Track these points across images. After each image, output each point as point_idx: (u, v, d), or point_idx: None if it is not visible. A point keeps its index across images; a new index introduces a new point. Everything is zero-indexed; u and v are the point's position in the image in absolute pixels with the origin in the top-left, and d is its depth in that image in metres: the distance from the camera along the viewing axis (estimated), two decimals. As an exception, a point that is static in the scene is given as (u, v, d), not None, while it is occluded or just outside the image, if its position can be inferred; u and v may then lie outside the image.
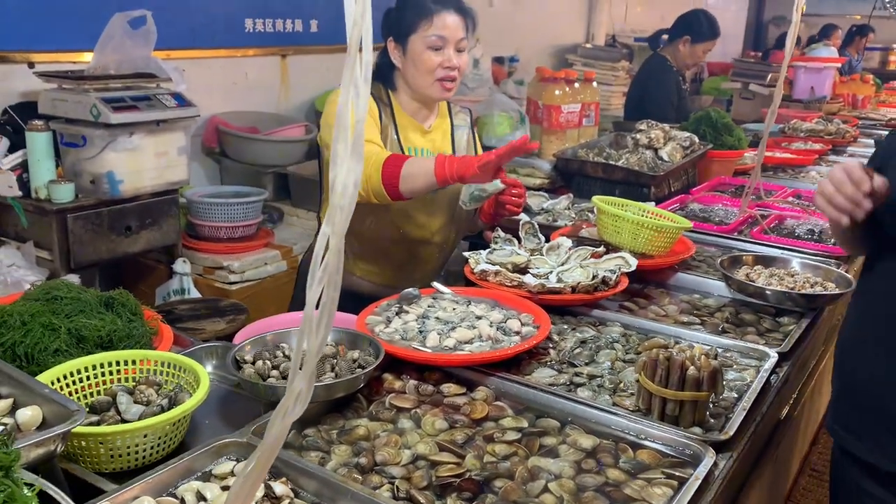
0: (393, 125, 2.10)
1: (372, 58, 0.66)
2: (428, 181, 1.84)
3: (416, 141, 2.14)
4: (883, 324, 1.46)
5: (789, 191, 2.93)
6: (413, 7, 2.03)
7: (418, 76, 2.05)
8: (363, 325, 1.54)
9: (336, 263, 0.67)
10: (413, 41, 2.02)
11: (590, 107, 3.30)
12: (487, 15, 5.46)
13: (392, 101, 2.12)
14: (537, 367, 1.50)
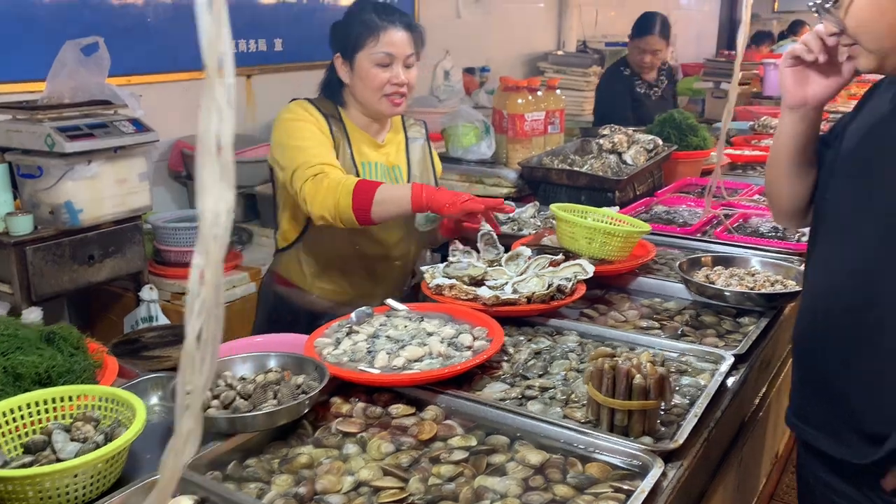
0: (346, 141, 2.08)
1: (234, 80, 0.64)
2: (402, 209, 1.86)
3: (370, 155, 2.12)
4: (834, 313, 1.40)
5: (755, 188, 2.93)
6: (360, 23, 2.01)
7: (366, 93, 2.03)
8: (311, 348, 1.51)
9: (214, 297, 0.65)
10: (360, 58, 2.01)
11: (554, 114, 3.29)
12: (456, 26, 5.47)
13: (343, 117, 2.10)
14: (489, 382, 1.47)
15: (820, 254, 1.42)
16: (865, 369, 1.28)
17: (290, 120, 2.03)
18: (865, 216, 1.29)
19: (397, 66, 2.01)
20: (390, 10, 2.08)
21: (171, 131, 3.59)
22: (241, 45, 3.95)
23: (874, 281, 1.27)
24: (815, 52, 1.32)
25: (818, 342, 1.41)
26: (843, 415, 1.31)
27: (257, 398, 1.32)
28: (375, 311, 1.70)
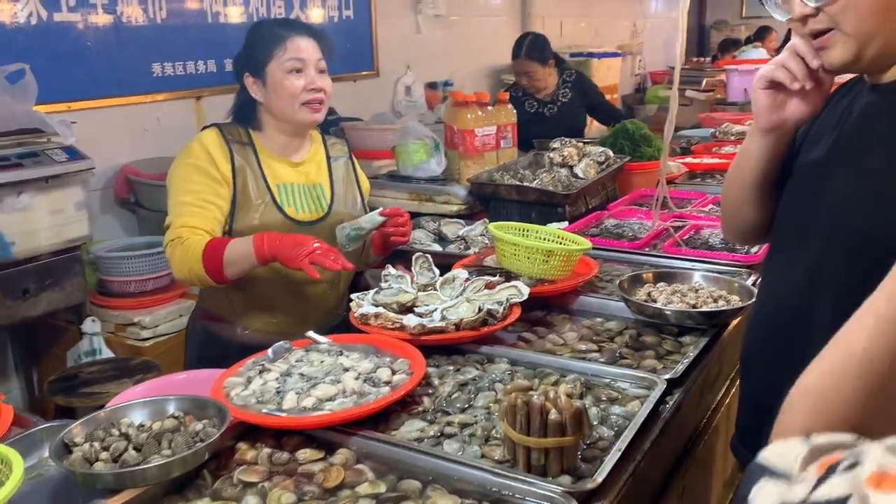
0: (257, 165, 2.02)
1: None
2: (252, 263, 1.84)
3: (287, 176, 2.07)
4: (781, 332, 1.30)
5: (710, 198, 2.87)
6: (263, 39, 1.99)
7: (283, 104, 1.98)
8: (220, 389, 1.42)
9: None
10: (271, 70, 1.97)
11: (506, 128, 3.22)
12: (417, 41, 5.41)
13: (254, 141, 2.04)
14: (407, 420, 1.38)
15: (771, 268, 1.35)
16: None
17: (182, 165, 1.99)
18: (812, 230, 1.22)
19: (310, 72, 1.98)
20: (291, 21, 2.13)
21: (116, 157, 3.49)
22: (191, 66, 3.86)
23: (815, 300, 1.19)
24: (800, 80, 1.18)
25: (763, 364, 1.32)
26: None
27: (149, 449, 1.23)
28: (295, 344, 1.60)
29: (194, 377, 1.83)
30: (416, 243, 2.58)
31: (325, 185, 2.13)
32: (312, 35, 2.02)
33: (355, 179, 2.23)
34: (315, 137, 2.19)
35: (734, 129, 4.40)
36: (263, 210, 2.00)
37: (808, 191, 1.24)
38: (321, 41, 2.04)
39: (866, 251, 1.09)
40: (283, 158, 2.07)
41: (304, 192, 2.08)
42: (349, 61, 4.85)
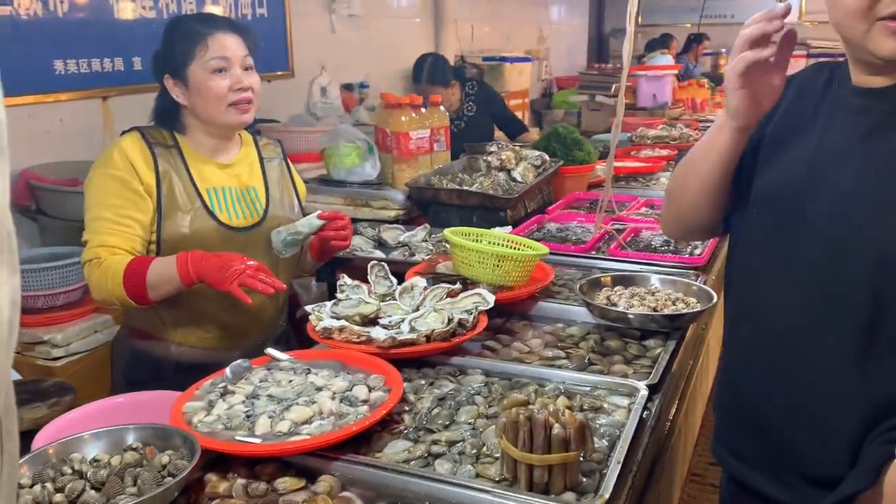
0: (184, 169, 1.90)
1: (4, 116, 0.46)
2: (177, 286, 1.74)
3: (217, 179, 1.95)
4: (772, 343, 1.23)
5: (642, 201, 2.92)
6: (183, 37, 1.85)
7: (209, 106, 1.85)
8: (179, 416, 1.30)
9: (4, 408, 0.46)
10: (193, 71, 1.83)
11: (439, 131, 3.17)
12: (331, 42, 5.28)
13: (180, 143, 1.91)
14: (390, 440, 1.30)
15: (756, 269, 1.25)
16: (808, 408, 1.16)
17: (99, 175, 1.86)
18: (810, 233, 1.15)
19: (236, 70, 1.85)
20: (210, 17, 1.99)
21: (15, 161, 3.20)
22: (96, 65, 3.60)
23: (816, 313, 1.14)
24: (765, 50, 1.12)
25: (753, 374, 1.26)
26: (784, 455, 1.20)
27: (112, 488, 1.10)
28: (253, 363, 1.49)
29: (134, 402, 1.68)
30: (357, 250, 2.49)
31: (260, 188, 2.01)
32: (236, 30, 1.89)
33: (291, 181, 2.12)
34: (245, 139, 2.07)
35: (650, 133, 4.53)
36: (194, 217, 1.87)
37: (797, 207, 1.16)
38: (245, 36, 1.91)
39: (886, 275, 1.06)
40: (212, 161, 1.95)
41: (237, 196, 1.96)
42: (263, 61, 4.61)
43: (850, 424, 1.10)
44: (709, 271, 2.16)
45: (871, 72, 1.13)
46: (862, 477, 1.06)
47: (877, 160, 1.10)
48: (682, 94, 6.20)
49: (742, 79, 1.14)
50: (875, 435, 1.08)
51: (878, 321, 1.07)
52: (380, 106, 3.19)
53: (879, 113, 1.12)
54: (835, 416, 1.12)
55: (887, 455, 1.04)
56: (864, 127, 1.13)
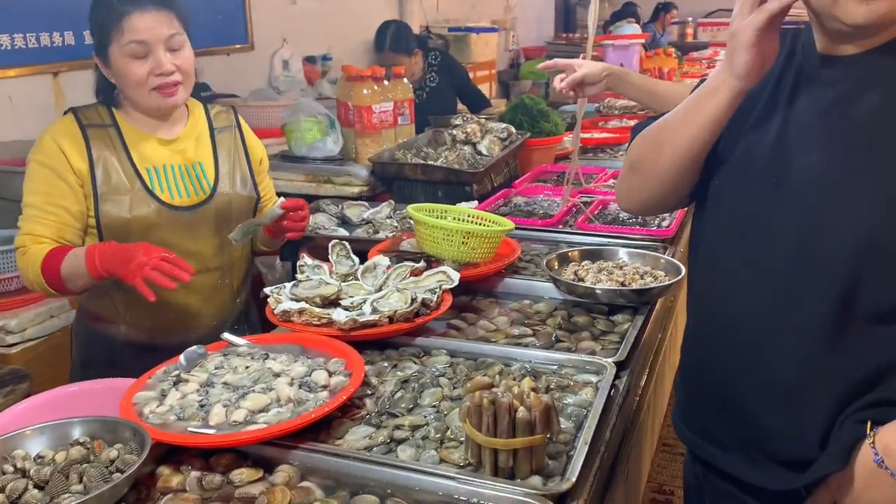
0: (122, 149, 1.81)
1: None
2: (91, 281, 1.69)
3: (158, 157, 1.85)
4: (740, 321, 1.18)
5: (609, 172, 2.88)
6: (101, 16, 1.73)
7: (130, 90, 1.76)
8: (129, 407, 1.24)
9: None
10: (112, 53, 1.73)
11: (403, 104, 3.09)
12: (292, 13, 5.14)
13: (118, 121, 1.82)
14: (352, 426, 1.26)
15: (721, 245, 1.21)
16: (778, 386, 1.12)
17: (31, 162, 1.80)
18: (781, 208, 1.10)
19: (157, 54, 1.72)
20: None
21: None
22: (45, 39, 3.45)
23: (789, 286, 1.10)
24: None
25: (719, 350, 1.22)
26: (753, 435, 1.17)
27: (56, 486, 1.04)
28: (209, 348, 1.44)
29: (87, 390, 1.62)
30: (320, 228, 2.42)
31: (208, 163, 1.92)
32: (160, 5, 1.73)
33: (244, 154, 2.01)
34: (193, 109, 1.96)
35: (618, 104, 4.50)
36: (133, 199, 1.79)
37: (767, 181, 1.12)
38: (172, 11, 1.76)
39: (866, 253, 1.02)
40: (153, 137, 1.85)
41: (181, 174, 1.87)
42: (221, 33, 4.53)
43: (822, 402, 1.08)
44: (676, 243, 2.14)
45: (839, 40, 1.08)
46: (835, 457, 1.04)
47: (847, 133, 1.06)
48: (649, 63, 6.16)
49: (760, 33, 1.05)
50: (847, 414, 1.06)
51: (851, 297, 1.04)
52: (341, 79, 3.10)
53: (849, 83, 1.07)
54: (807, 394, 1.10)
55: (859, 435, 1.02)
56: (831, 98, 1.08)
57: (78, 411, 1.40)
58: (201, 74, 4.42)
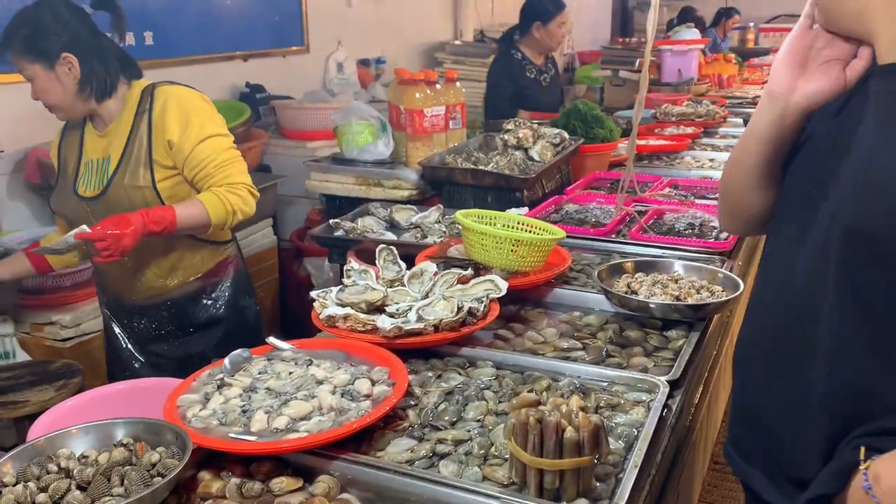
0: (78, 145, 2.13)
1: None
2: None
3: (93, 152, 2.11)
4: (771, 334, 1.16)
5: (665, 181, 2.81)
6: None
7: None
8: (173, 409, 1.24)
9: None
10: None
11: (455, 108, 3.07)
12: (347, 16, 5.17)
13: (88, 118, 2.12)
14: (393, 438, 1.24)
15: (768, 258, 1.20)
16: (797, 402, 1.08)
17: None
18: (812, 221, 1.06)
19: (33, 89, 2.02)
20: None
21: (25, 138, 3.16)
22: (107, 39, 3.53)
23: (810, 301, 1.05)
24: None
25: (755, 367, 1.18)
26: (777, 454, 1.11)
27: (97, 489, 1.04)
28: (254, 352, 1.43)
29: (134, 388, 1.64)
30: (368, 231, 2.41)
31: (116, 156, 2.07)
32: (22, 54, 1.97)
33: (147, 140, 2.03)
34: (130, 99, 2.08)
35: (675, 110, 4.39)
36: (63, 191, 2.13)
37: (810, 175, 1.10)
38: (27, 57, 1.97)
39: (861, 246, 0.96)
40: (94, 132, 2.12)
41: (97, 167, 2.10)
42: (278, 36, 4.58)
43: (829, 423, 1.01)
44: (735, 257, 2.06)
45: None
46: (828, 480, 0.97)
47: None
48: (708, 69, 6.01)
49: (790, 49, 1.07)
50: (850, 438, 0.99)
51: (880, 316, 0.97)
52: (394, 82, 3.09)
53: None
54: (819, 413, 1.02)
55: (853, 461, 0.95)
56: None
57: (124, 409, 1.41)
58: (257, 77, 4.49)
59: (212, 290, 2.27)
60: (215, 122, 2.11)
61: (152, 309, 2.24)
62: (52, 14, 1.97)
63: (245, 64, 4.32)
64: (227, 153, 2.10)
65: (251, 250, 3.55)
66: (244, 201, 2.07)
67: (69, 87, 1.99)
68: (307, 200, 3.88)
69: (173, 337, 2.27)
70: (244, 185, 2.09)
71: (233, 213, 2.05)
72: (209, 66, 4.08)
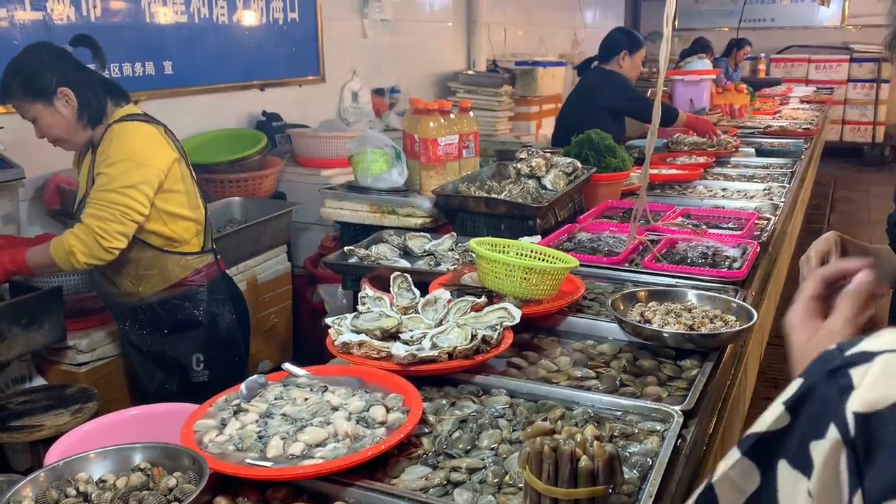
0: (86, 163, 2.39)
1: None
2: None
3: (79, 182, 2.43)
4: None
5: (678, 210, 2.82)
6: None
7: None
8: (189, 435, 1.25)
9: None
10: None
11: (468, 137, 3.10)
12: (363, 46, 5.25)
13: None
14: (408, 465, 1.24)
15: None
16: None
17: None
18: None
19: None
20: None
21: (45, 165, 3.21)
22: (127, 69, 3.61)
23: None
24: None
25: None
26: None
27: (116, 514, 1.05)
28: (270, 378, 1.44)
29: (149, 413, 1.65)
30: (382, 258, 2.43)
31: (82, 187, 2.37)
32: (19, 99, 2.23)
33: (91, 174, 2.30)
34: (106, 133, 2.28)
35: (687, 140, 4.42)
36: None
37: None
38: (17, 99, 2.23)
39: None
40: (89, 156, 2.37)
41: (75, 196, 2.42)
42: (294, 66, 4.66)
43: None
44: (749, 286, 2.06)
45: None
46: None
47: None
48: (720, 99, 6.05)
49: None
50: None
51: None
52: (408, 111, 3.14)
53: None
54: None
55: None
56: None
57: (141, 434, 1.42)
58: (274, 105, 4.55)
59: (184, 297, 2.48)
60: (124, 166, 2.25)
61: (130, 309, 2.50)
62: (40, 58, 2.24)
63: (262, 93, 4.39)
64: (101, 194, 2.24)
65: (265, 276, 3.58)
66: (83, 244, 2.20)
67: (69, 117, 2.25)
68: (321, 227, 3.92)
69: (151, 337, 2.52)
70: (89, 229, 2.20)
71: (71, 254, 2.21)
72: (226, 94, 4.15)
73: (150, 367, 2.58)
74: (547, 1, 7.99)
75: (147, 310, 2.47)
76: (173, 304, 2.47)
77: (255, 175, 3.77)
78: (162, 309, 2.47)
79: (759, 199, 3.15)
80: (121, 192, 2.21)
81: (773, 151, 4.47)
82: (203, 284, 2.51)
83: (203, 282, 2.51)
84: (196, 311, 2.50)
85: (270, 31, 4.38)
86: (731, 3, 10.37)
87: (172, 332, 2.50)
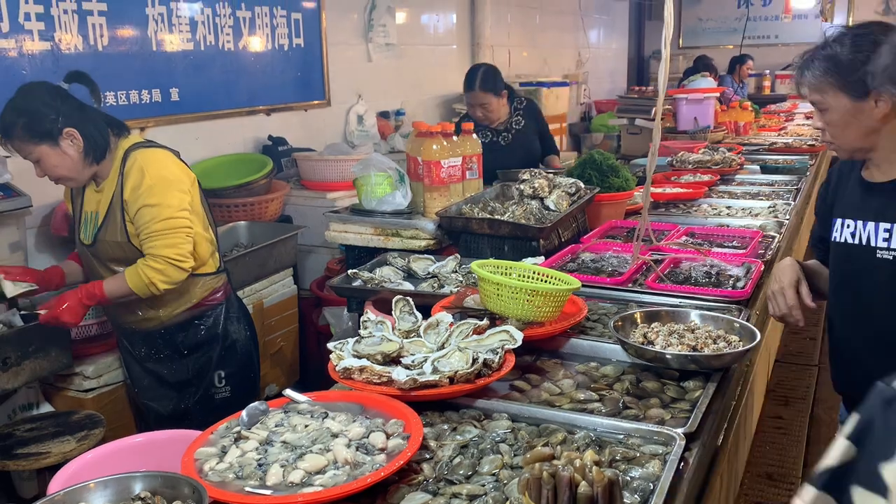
0: (81, 196, 2.40)
1: None
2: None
3: (89, 204, 2.39)
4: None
5: (682, 229, 2.81)
6: None
7: None
8: (190, 463, 1.25)
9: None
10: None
11: (472, 159, 3.11)
12: (368, 69, 5.30)
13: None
14: (408, 492, 1.23)
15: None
16: None
17: None
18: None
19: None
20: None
21: (52, 193, 3.23)
22: (134, 96, 3.65)
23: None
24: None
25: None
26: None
27: (114, 544, 1.05)
28: (271, 404, 1.44)
29: (153, 440, 1.66)
30: (386, 281, 2.43)
31: (103, 212, 2.34)
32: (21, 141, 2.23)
33: (120, 200, 2.30)
34: (117, 155, 2.32)
35: (691, 158, 4.42)
36: (74, 233, 2.48)
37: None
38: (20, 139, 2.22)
39: None
40: (92, 186, 2.38)
41: (91, 218, 2.38)
42: (299, 90, 4.70)
43: None
44: (752, 306, 2.05)
45: None
46: None
47: None
48: (724, 117, 6.05)
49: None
50: None
51: None
52: (412, 134, 3.15)
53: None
54: None
55: None
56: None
57: (145, 462, 1.43)
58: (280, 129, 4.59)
59: (203, 316, 2.51)
60: (166, 190, 2.29)
61: (148, 334, 2.50)
62: (41, 100, 2.22)
63: (268, 118, 4.43)
64: (160, 223, 2.28)
65: (272, 299, 3.58)
66: (162, 273, 2.27)
67: (75, 157, 2.26)
68: (327, 250, 3.93)
69: (168, 360, 2.52)
70: (164, 259, 2.27)
71: (151, 284, 2.27)
72: (233, 120, 4.19)
73: (164, 391, 2.58)
74: (551, 22, 8.04)
75: (166, 333, 2.49)
76: (193, 325, 2.50)
77: (261, 199, 3.79)
78: (182, 331, 2.49)
79: (764, 216, 3.15)
80: (176, 216, 2.29)
81: (778, 168, 4.46)
82: (221, 303, 2.55)
83: (221, 300, 2.56)
84: (216, 329, 2.54)
85: (276, 57, 4.43)
86: (736, 21, 10.40)
87: (192, 353, 2.53)
